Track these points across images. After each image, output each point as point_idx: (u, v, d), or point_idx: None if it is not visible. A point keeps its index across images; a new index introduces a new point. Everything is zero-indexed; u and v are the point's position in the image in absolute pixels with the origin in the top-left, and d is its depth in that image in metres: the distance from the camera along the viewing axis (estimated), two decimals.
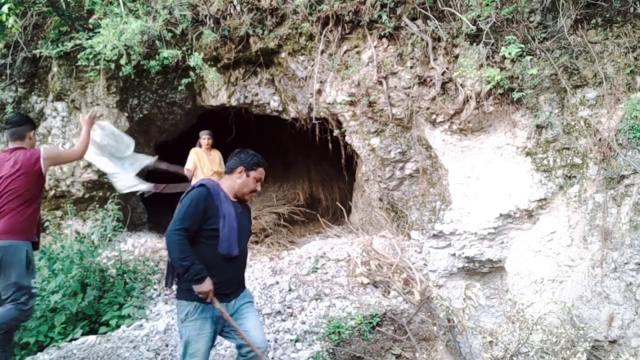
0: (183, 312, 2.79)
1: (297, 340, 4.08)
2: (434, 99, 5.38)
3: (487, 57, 5.02)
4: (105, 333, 4.18)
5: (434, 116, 5.45)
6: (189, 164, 6.51)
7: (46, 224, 6.14)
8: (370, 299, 4.74)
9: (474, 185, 5.53)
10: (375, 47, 5.54)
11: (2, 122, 6.49)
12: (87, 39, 5.75)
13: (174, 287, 2.94)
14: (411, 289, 5.03)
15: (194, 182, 6.55)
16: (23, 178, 3.49)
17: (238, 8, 5.92)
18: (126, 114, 6.56)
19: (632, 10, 4.80)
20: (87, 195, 6.74)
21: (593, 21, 4.90)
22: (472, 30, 5.06)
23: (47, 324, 4.16)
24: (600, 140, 4.81)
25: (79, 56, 5.85)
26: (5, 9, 4.79)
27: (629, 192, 4.66)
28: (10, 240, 3.37)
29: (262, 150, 9.56)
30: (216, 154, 6.86)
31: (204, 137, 6.68)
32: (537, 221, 5.35)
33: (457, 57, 5.24)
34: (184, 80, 6.13)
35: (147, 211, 7.72)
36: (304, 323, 4.32)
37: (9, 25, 4.88)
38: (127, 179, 4.41)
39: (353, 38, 5.68)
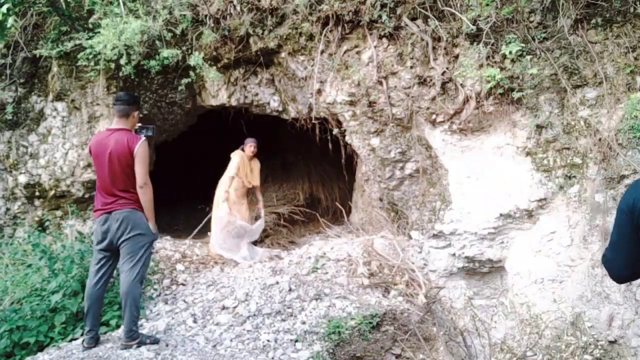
0: None
1: (297, 340, 4.09)
2: (434, 99, 5.38)
3: (487, 57, 5.02)
4: (105, 333, 4.18)
5: (434, 116, 5.45)
6: (232, 170, 6.45)
7: (46, 223, 6.14)
8: (370, 299, 4.74)
9: (474, 185, 5.53)
10: (375, 47, 5.54)
11: (2, 122, 6.51)
12: (87, 39, 5.75)
13: None
14: (413, 291, 5.03)
15: (224, 186, 6.43)
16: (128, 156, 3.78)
17: (238, 8, 5.92)
18: None
19: (632, 10, 4.80)
20: (87, 195, 6.74)
21: (593, 21, 4.90)
22: (472, 30, 5.06)
23: (47, 324, 4.15)
24: (600, 140, 4.81)
25: (79, 56, 5.85)
26: (4, 9, 4.79)
27: None
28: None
29: (262, 150, 9.72)
30: (256, 165, 6.82)
31: (250, 145, 6.65)
32: (537, 221, 5.35)
33: (457, 57, 5.24)
34: (184, 80, 6.13)
35: None
36: (304, 323, 4.32)
37: (8, 25, 4.88)
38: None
39: (353, 38, 5.68)
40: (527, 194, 5.22)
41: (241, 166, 6.50)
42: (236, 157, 6.56)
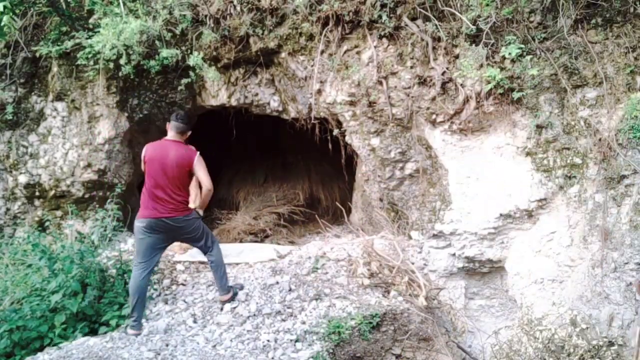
0: None
1: (297, 340, 4.09)
2: (434, 99, 5.38)
3: (487, 57, 5.02)
4: (105, 333, 4.18)
5: (434, 116, 5.45)
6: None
7: (46, 223, 6.14)
8: (370, 299, 4.74)
9: (474, 185, 5.53)
10: (375, 47, 5.54)
11: (2, 122, 6.51)
12: (86, 39, 5.75)
13: None
14: (413, 291, 5.02)
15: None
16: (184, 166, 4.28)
17: (238, 8, 5.92)
18: (126, 114, 6.56)
19: (632, 10, 4.80)
20: (87, 195, 6.73)
21: (593, 21, 4.90)
22: (472, 30, 5.06)
23: (47, 324, 4.15)
24: (600, 140, 4.81)
25: (78, 55, 5.85)
26: (0, 6, 4.78)
27: (629, 192, 4.66)
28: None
29: (262, 150, 9.64)
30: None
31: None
32: (537, 221, 5.35)
33: (457, 57, 5.24)
34: (184, 80, 6.13)
35: None
36: (304, 323, 4.32)
37: (2, 24, 4.85)
38: None
39: (353, 38, 5.68)
40: (527, 194, 5.22)
41: None
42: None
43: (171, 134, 4.37)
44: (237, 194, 9.15)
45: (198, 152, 4.37)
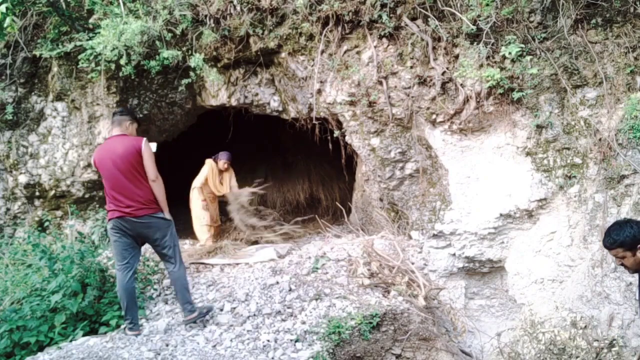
0: None
1: (297, 340, 4.09)
2: (434, 99, 5.38)
3: (487, 57, 5.02)
4: (105, 333, 4.18)
5: (434, 116, 5.45)
6: (198, 182, 6.87)
7: (46, 223, 6.14)
8: (370, 299, 4.74)
9: (474, 185, 5.53)
10: (375, 47, 5.54)
11: (2, 122, 6.51)
12: (87, 40, 5.75)
13: None
14: (413, 291, 5.03)
15: (196, 192, 6.87)
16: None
17: (238, 8, 5.92)
18: None
19: (632, 10, 4.80)
20: (87, 195, 6.74)
21: (593, 21, 4.90)
22: (472, 30, 5.06)
23: (47, 324, 4.15)
24: (600, 140, 4.81)
25: (79, 57, 5.85)
26: (2, 8, 4.78)
27: (629, 192, 4.66)
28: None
29: (262, 150, 9.60)
30: (227, 176, 7.22)
31: (223, 161, 7.04)
32: (537, 221, 5.35)
33: (457, 57, 5.24)
34: (184, 81, 6.13)
35: None
36: (304, 323, 4.32)
37: (6, 25, 4.86)
38: None
39: (353, 38, 5.68)
40: (527, 194, 5.22)
41: (210, 177, 6.93)
42: (206, 167, 6.96)
43: (115, 131, 4.26)
44: None
45: (145, 139, 4.18)
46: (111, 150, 4.09)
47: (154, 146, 4.46)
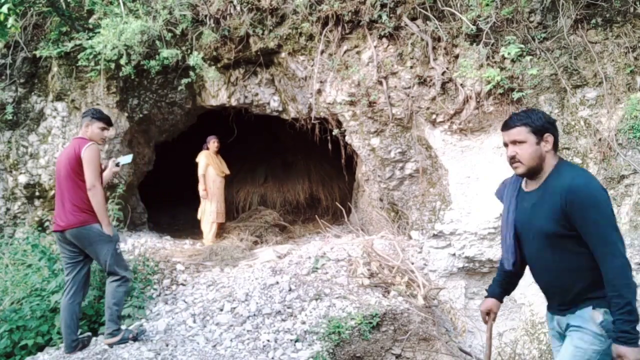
0: None
1: (297, 340, 4.09)
2: (434, 99, 5.38)
3: (487, 57, 5.02)
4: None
5: (434, 116, 5.45)
6: (201, 169, 7.11)
7: (46, 223, 6.14)
8: (370, 299, 4.73)
9: (474, 185, 5.53)
10: (375, 47, 5.54)
11: (2, 122, 6.51)
12: (87, 39, 5.75)
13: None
14: (413, 291, 5.02)
15: (201, 185, 7.08)
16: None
17: (238, 8, 5.92)
18: (126, 114, 6.57)
19: (632, 10, 4.80)
20: None
21: (593, 21, 4.90)
22: (472, 30, 5.06)
23: (47, 324, 4.15)
24: (600, 140, 4.81)
25: (79, 56, 5.85)
26: (4, 9, 4.79)
27: (629, 192, 4.66)
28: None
29: (262, 150, 9.61)
30: (220, 158, 7.48)
31: (213, 141, 7.29)
32: None
33: (457, 57, 5.24)
34: (184, 80, 6.13)
35: (147, 211, 7.72)
36: (304, 323, 4.32)
37: (9, 25, 4.87)
38: None
39: (353, 38, 5.68)
40: None
41: (211, 162, 7.15)
42: (202, 157, 7.18)
43: (79, 134, 3.89)
44: (237, 194, 9.16)
45: (92, 143, 3.67)
46: (61, 156, 3.80)
47: (128, 158, 4.15)
